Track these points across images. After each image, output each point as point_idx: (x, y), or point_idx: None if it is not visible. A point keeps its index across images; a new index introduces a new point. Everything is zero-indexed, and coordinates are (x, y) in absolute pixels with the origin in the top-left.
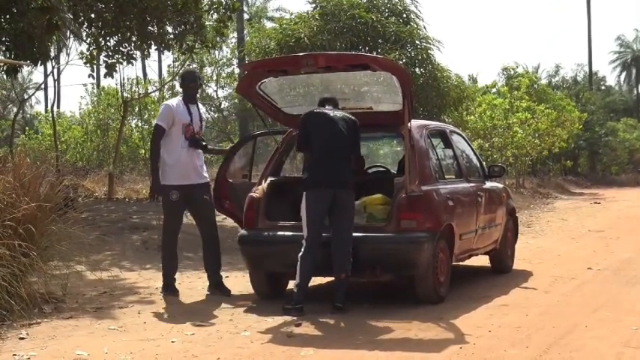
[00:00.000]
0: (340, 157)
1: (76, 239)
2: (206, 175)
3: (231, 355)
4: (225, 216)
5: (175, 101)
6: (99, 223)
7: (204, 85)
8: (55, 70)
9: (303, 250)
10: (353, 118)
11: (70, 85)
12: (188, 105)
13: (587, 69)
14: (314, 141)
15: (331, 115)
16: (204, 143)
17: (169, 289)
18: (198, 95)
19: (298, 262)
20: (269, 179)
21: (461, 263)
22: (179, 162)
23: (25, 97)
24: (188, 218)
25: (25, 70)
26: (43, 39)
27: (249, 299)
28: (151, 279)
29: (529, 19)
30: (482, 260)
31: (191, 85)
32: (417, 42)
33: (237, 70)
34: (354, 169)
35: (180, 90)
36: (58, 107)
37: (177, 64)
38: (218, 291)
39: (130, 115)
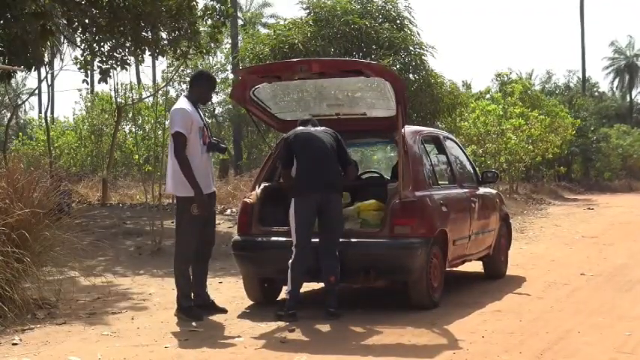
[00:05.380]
0: (326, 164)
1: (70, 245)
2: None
3: None
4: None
5: (186, 104)
6: (92, 229)
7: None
8: (49, 76)
9: (293, 256)
10: (332, 130)
11: (63, 90)
12: (197, 107)
13: (579, 75)
14: (300, 154)
15: (312, 130)
16: (223, 146)
17: (193, 312)
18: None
19: (289, 269)
20: (263, 185)
21: (454, 269)
22: (199, 170)
23: (19, 102)
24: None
25: (19, 75)
26: (36, 44)
27: (242, 305)
28: (145, 285)
29: (522, 26)
30: (475, 266)
31: (199, 87)
32: (411, 48)
33: (231, 76)
34: (351, 177)
35: (184, 90)
36: (52, 113)
37: (171, 69)
38: (215, 311)
39: (123, 120)
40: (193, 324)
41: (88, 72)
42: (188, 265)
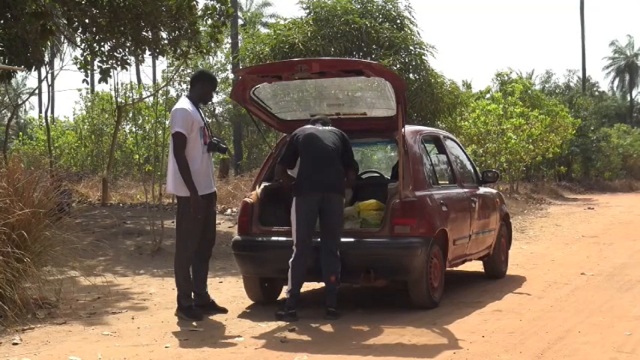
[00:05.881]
0: (329, 164)
1: (70, 245)
2: None
3: None
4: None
5: (187, 104)
6: (93, 229)
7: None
8: (49, 76)
9: (293, 255)
10: (339, 130)
11: (64, 90)
12: (198, 107)
13: (579, 75)
14: (303, 153)
15: (320, 129)
16: (224, 146)
17: (193, 311)
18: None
19: (289, 268)
20: (263, 184)
21: (454, 269)
22: (200, 170)
23: (19, 102)
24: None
25: (19, 75)
26: (37, 44)
27: (243, 304)
28: (145, 284)
29: (523, 25)
30: (475, 266)
31: (200, 87)
32: (411, 47)
33: (231, 76)
34: (351, 179)
35: (185, 89)
36: (52, 112)
37: (171, 69)
38: (215, 311)
39: (123, 120)
40: (193, 324)
41: (88, 72)
42: (188, 264)
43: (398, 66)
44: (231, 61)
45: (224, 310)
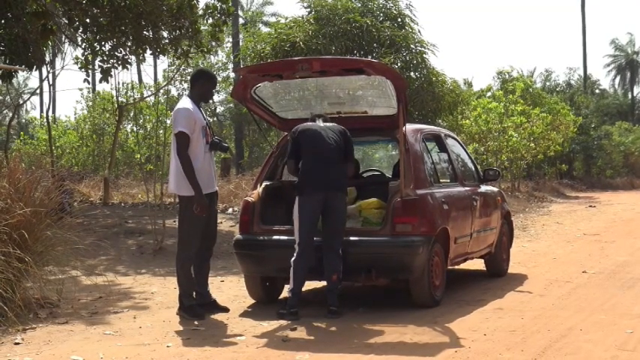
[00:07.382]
0: (331, 162)
1: (71, 244)
2: None
3: None
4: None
5: (189, 103)
6: (94, 228)
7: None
8: (50, 75)
9: (295, 254)
10: (341, 126)
11: (65, 89)
12: (199, 106)
13: (579, 73)
14: (305, 151)
15: (321, 125)
16: (225, 145)
17: (195, 310)
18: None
19: (291, 267)
20: (264, 183)
21: (456, 267)
22: (203, 169)
23: (20, 102)
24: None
25: (20, 75)
26: (38, 44)
27: (244, 304)
28: (147, 284)
29: (524, 23)
30: (477, 264)
31: (200, 86)
32: (412, 46)
33: (232, 75)
34: (349, 174)
35: (185, 88)
36: (54, 112)
37: (172, 68)
38: (217, 310)
39: (125, 119)
40: (195, 323)
41: (89, 71)
42: (190, 263)
43: (399, 64)
44: (232, 60)
45: (226, 309)
